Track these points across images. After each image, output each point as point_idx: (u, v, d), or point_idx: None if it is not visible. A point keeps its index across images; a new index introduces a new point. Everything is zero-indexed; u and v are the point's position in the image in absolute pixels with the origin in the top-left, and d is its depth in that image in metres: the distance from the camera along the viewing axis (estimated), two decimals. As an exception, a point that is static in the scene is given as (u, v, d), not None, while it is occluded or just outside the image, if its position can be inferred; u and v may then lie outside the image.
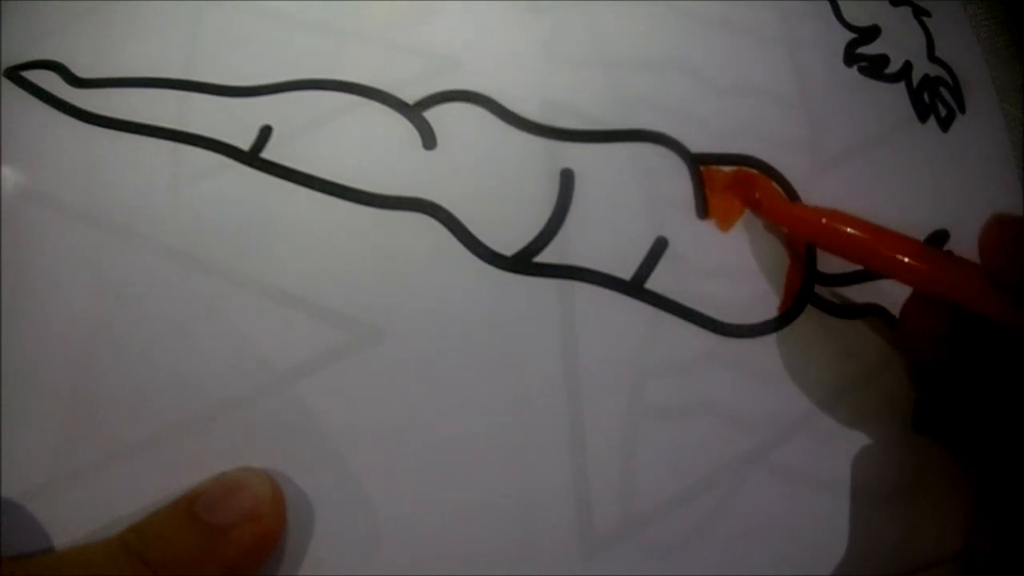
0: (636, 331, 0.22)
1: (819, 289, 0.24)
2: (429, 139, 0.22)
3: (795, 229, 0.24)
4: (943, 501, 0.23)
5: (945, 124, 0.28)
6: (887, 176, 0.26)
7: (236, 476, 0.18)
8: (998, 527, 0.22)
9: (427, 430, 0.20)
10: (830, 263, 0.24)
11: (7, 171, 0.20)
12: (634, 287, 0.22)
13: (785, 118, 0.25)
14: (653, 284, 0.22)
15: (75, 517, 0.18)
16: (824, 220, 0.22)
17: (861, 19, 0.28)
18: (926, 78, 0.28)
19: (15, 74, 0.21)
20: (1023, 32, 0.31)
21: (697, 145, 0.24)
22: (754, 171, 0.24)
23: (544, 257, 0.22)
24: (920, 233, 0.26)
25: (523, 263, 0.22)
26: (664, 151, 0.24)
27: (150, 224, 0.20)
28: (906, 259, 0.20)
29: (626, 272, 0.22)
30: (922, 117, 0.28)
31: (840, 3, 0.28)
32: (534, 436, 0.20)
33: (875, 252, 0.21)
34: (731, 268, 0.23)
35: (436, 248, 0.21)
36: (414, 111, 0.22)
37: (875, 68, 0.27)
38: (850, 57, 0.27)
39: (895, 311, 0.24)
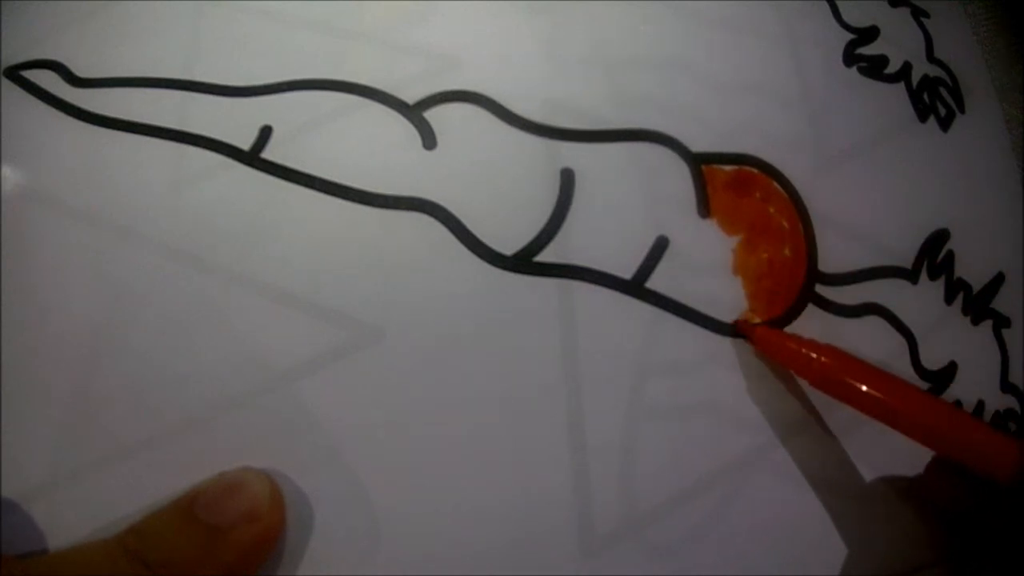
0: (636, 331, 0.22)
1: (820, 288, 0.24)
2: (429, 139, 0.22)
3: (793, 368, 0.22)
4: (943, 501, 0.23)
5: (945, 124, 0.28)
6: (888, 175, 0.26)
7: (235, 476, 0.18)
8: (994, 526, 0.22)
9: (427, 429, 0.20)
10: (831, 262, 0.24)
11: (7, 171, 0.20)
12: (635, 287, 0.22)
13: (786, 117, 0.25)
14: (654, 284, 0.22)
15: (75, 517, 0.18)
16: (845, 378, 0.21)
17: (860, 20, 0.28)
18: (925, 78, 0.28)
19: (15, 74, 0.21)
20: (1023, 32, 0.31)
21: (698, 144, 0.24)
22: (755, 170, 0.24)
23: (544, 256, 0.22)
24: (921, 232, 0.26)
25: (523, 262, 0.22)
26: (665, 150, 0.24)
27: (150, 224, 0.20)
28: (917, 422, 0.20)
29: (627, 271, 0.22)
30: (922, 117, 0.28)
31: (839, 4, 0.28)
32: (534, 436, 0.20)
33: (885, 408, 0.21)
34: (732, 268, 0.23)
35: (436, 248, 0.21)
36: (414, 111, 0.22)
37: (875, 68, 0.27)
38: (850, 57, 0.27)
39: (895, 311, 0.25)
